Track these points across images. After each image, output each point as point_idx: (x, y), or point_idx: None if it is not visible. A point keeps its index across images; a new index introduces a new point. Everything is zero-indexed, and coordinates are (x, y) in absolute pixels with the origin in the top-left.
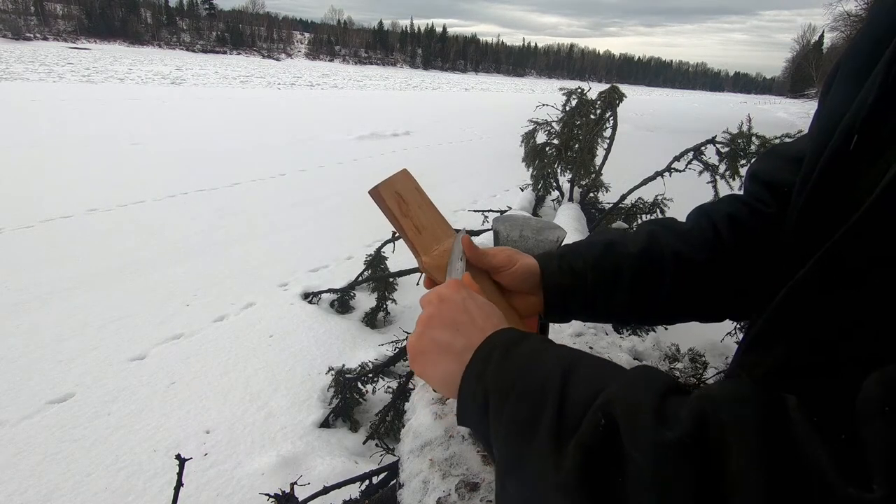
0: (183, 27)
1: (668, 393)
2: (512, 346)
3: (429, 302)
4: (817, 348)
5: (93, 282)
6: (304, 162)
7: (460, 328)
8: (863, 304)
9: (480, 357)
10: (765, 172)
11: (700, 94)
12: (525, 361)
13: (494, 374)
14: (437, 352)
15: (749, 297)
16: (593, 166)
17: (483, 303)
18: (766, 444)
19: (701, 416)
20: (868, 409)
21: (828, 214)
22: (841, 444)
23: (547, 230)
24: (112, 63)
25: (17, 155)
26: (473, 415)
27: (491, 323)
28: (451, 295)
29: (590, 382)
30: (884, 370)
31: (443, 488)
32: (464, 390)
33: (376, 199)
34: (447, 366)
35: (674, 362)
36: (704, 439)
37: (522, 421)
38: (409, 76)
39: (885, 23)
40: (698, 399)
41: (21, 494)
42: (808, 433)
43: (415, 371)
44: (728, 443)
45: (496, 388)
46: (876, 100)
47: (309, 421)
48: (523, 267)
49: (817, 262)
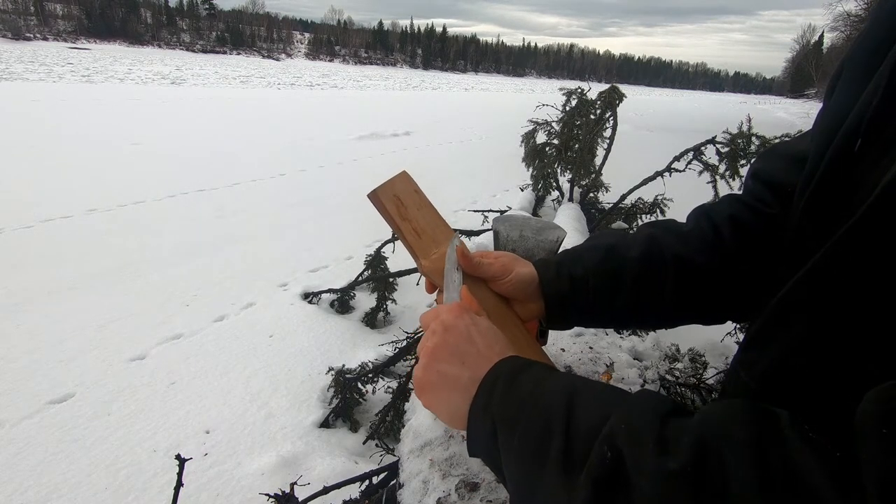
0: (183, 27)
1: (669, 417)
2: (516, 375)
3: (433, 332)
4: (814, 348)
5: (93, 282)
6: (304, 162)
7: (466, 360)
8: (861, 305)
9: (486, 388)
10: (766, 172)
11: (700, 94)
12: (529, 391)
13: (500, 405)
14: (445, 386)
15: (751, 298)
16: (593, 166)
17: (486, 328)
18: (762, 465)
19: (700, 444)
20: (865, 429)
21: (830, 215)
22: (835, 460)
23: (547, 230)
24: (112, 63)
25: (17, 155)
26: (483, 446)
27: (496, 351)
28: (455, 323)
29: (593, 411)
30: (881, 389)
31: (443, 488)
32: (472, 423)
33: (375, 203)
34: (455, 400)
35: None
36: (704, 466)
37: (532, 452)
38: (408, 76)
39: (889, 23)
40: (698, 425)
41: (21, 494)
42: (802, 450)
43: (422, 403)
44: (727, 468)
45: (503, 418)
46: (881, 101)
47: (309, 421)
48: (519, 276)
49: (817, 262)
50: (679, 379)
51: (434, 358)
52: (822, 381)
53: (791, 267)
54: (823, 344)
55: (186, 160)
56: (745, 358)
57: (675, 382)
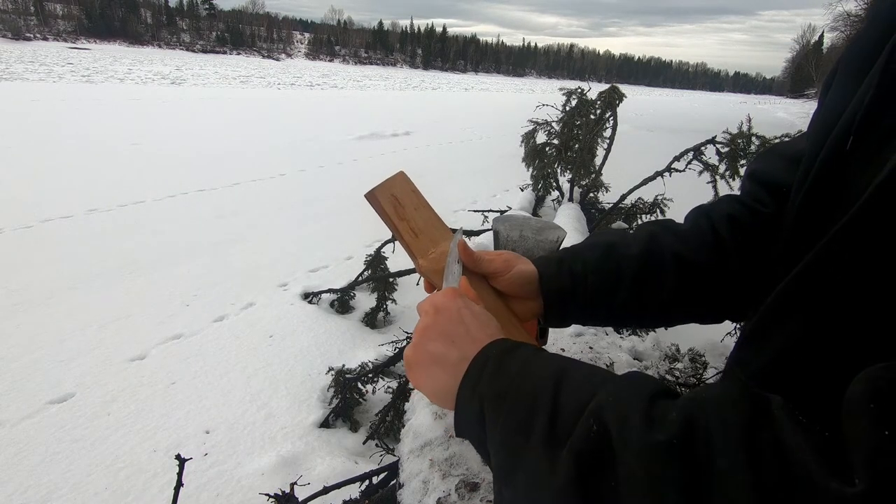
0: (183, 27)
1: (657, 396)
2: (505, 355)
3: (425, 312)
4: (809, 346)
5: (93, 282)
6: (304, 162)
7: (456, 340)
8: (855, 303)
9: (475, 368)
10: (763, 173)
11: (700, 94)
12: (518, 370)
13: (488, 384)
14: (433, 364)
15: (749, 297)
16: (593, 166)
17: (479, 312)
18: (750, 442)
19: (689, 418)
20: (852, 407)
21: (824, 214)
22: (824, 440)
23: (547, 230)
24: (112, 63)
25: (17, 155)
26: (470, 425)
27: (486, 333)
28: (446, 304)
29: (581, 388)
30: (868, 370)
31: (443, 488)
32: (460, 402)
33: (372, 203)
34: (443, 378)
35: (674, 362)
36: (692, 440)
37: (516, 428)
38: (408, 76)
39: (884, 23)
40: (687, 401)
41: (21, 494)
42: (792, 430)
43: (411, 382)
44: (715, 442)
45: (491, 397)
46: (872, 100)
47: (309, 421)
48: (519, 273)
49: (811, 261)
50: (679, 379)
51: (424, 337)
52: (818, 378)
53: (787, 266)
54: (818, 341)
55: (186, 160)
56: (741, 356)
57: (675, 382)
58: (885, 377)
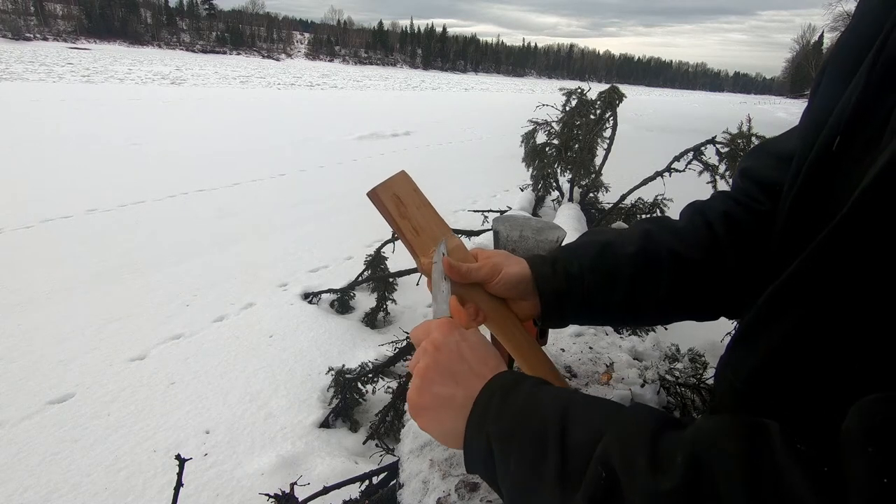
0: (183, 27)
1: (662, 431)
2: (509, 391)
3: (424, 351)
4: (799, 348)
5: (93, 282)
6: (304, 162)
7: (459, 379)
8: (845, 305)
9: (480, 406)
10: (755, 170)
11: (700, 95)
12: (521, 407)
13: (494, 423)
14: (440, 408)
15: (745, 294)
16: (593, 166)
17: (477, 343)
18: (752, 483)
19: (692, 461)
20: (850, 447)
21: (814, 214)
22: (824, 477)
23: (547, 230)
24: (112, 63)
25: (17, 155)
26: (480, 463)
27: (488, 367)
28: (444, 342)
29: (586, 426)
30: (865, 403)
31: (443, 488)
32: (468, 441)
33: (374, 202)
34: (451, 420)
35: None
36: (697, 485)
37: (527, 471)
38: (408, 76)
39: (870, 22)
40: (690, 440)
41: (21, 494)
42: (792, 468)
43: (418, 425)
44: (719, 486)
45: (498, 436)
46: (858, 100)
47: (309, 421)
48: (508, 276)
49: (801, 263)
50: (679, 379)
51: (427, 379)
52: (808, 379)
53: (779, 266)
54: (808, 343)
55: (186, 160)
56: (732, 359)
57: (675, 382)
58: (883, 413)
